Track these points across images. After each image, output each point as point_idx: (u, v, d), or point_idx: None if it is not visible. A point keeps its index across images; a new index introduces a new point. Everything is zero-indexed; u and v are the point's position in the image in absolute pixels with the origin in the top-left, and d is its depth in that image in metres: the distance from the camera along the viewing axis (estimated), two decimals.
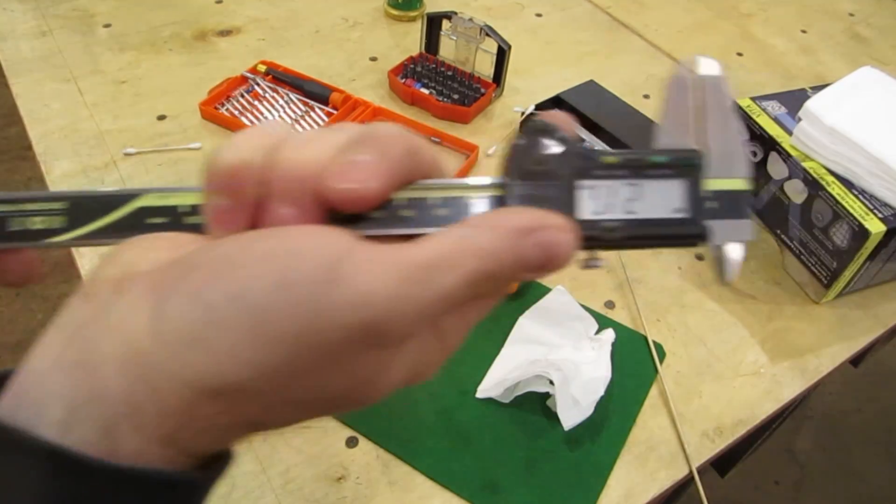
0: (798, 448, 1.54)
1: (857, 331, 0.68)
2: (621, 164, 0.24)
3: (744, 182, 0.24)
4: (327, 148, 0.21)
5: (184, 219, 0.23)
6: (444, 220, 0.23)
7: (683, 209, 0.24)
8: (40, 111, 0.78)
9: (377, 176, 0.21)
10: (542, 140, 0.23)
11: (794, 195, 0.69)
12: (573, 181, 0.23)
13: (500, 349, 0.60)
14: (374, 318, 0.19)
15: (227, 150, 0.21)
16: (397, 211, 0.23)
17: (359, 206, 0.21)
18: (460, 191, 0.23)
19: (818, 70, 1.02)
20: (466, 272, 0.20)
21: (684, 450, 0.57)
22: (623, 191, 0.23)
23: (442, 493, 0.52)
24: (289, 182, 0.21)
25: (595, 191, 0.23)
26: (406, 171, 0.22)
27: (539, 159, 0.23)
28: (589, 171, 0.23)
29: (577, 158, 0.23)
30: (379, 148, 0.21)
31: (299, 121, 0.81)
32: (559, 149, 0.23)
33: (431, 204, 0.23)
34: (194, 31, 0.93)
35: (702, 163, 0.24)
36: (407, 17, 1.00)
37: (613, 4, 1.10)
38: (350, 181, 0.21)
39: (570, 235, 0.22)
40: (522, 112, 0.83)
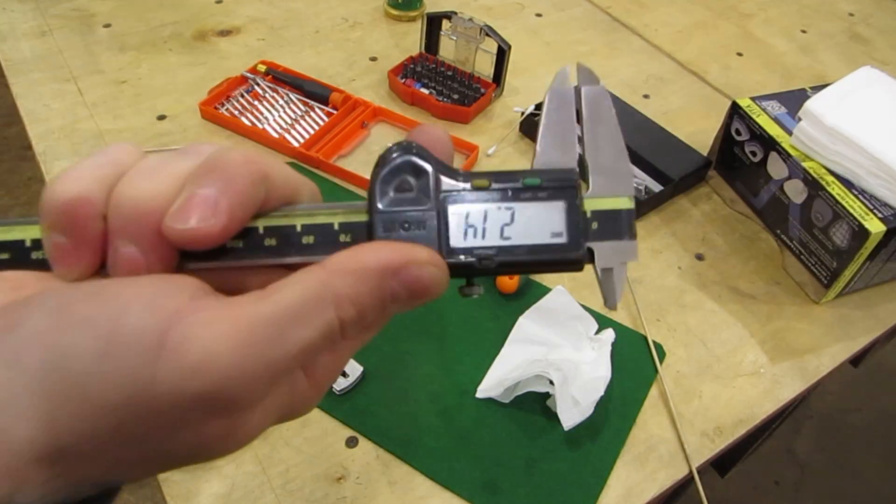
0: (798, 448, 1.54)
1: (857, 331, 0.68)
2: (493, 188, 0.23)
3: (627, 200, 0.24)
4: (169, 180, 0.20)
5: (31, 254, 0.21)
6: (310, 248, 0.22)
7: (561, 233, 0.23)
8: (40, 111, 0.78)
9: (220, 212, 0.19)
10: (410, 162, 0.22)
11: (794, 195, 0.69)
12: (443, 206, 0.22)
13: (500, 349, 0.60)
14: (211, 389, 0.17)
15: (62, 181, 0.20)
16: (258, 240, 0.21)
17: (202, 245, 0.19)
18: (325, 216, 0.22)
19: (818, 70, 1.02)
20: (324, 323, 0.19)
21: (684, 450, 0.57)
22: (496, 215, 0.22)
23: (442, 493, 0.52)
24: (128, 221, 0.20)
25: (466, 217, 0.22)
26: (257, 199, 0.21)
27: (407, 183, 0.22)
28: (460, 195, 0.22)
29: (445, 182, 0.22)
30: (223, 179, 0.20)
31: (299, 121, 0.81)
32: (428, 172, 0.22)
33: (294, 232, 0.22)
34: (194, 31, 0.93)
35: (577, 183, 0.23)
36: (407, 17, 1.00)
37: (613, 4, 1.10)
38: (190, 220, 0.19)
39: (438, 270, 0.21)
40: (522, 112, 0.83)
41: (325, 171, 0.76)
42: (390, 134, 0.82)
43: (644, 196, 0.76)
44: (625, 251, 0.23)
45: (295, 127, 0.80)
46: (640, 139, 0.80)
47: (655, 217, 0.76)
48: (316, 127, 0.80)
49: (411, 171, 0.22)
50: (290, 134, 0.79)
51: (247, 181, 0.20)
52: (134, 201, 0.20)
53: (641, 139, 0.80)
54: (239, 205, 0.20)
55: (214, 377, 0.17)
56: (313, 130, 0.79)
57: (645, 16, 1.09)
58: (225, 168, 0.20)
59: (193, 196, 0.19)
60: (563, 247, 0.23)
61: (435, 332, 0.62)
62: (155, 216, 0.19)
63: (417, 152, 0.22)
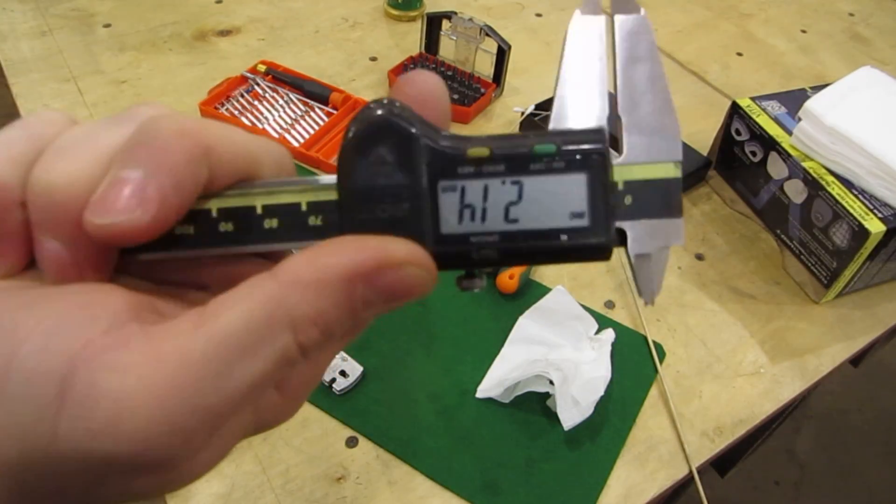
0: (798, 448, 1.54)
1: (857, 331, 0.68)
2: (496, 158, 0.18)
3: (672, 167, 0.19)
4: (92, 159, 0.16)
5: None
6: (274, 234, 0.18)
7: (583, 213, 0.18)
8: (40, 111, 0.78)
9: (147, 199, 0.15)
10: (390, 123, 0.17)
11: (794, 195, 0.69)
12: (433, 183, 0.18)
13: (500, 349, 0.60)
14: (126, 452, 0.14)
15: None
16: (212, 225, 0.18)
17: (129, 241, 0.16)
18: (291, 195, 0.18)
19: (818, 70, 1.02)
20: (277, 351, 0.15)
21: (684, 450, 0.57)
22: (499, 193, 0.18)
23: (442, 493, 0.52)
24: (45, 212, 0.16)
25: (461, 195, 0.18)
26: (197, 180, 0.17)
27: (386, 152, 0.18)
28: (453, 168, 0.18)
29: (433, 151, 0.18)
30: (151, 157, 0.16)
31: (299, 121, 0.81)
32: (412, 138, 0.18)
33: (254, 214, 0.18)
34: (194, 31, 0.93)
35: (606, 148, 0.18)
36: (407, 17, 1.00)
37: None
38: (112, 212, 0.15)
39: (421, 269, 0.17)
40: (522, 112, 0.83)
41: (325, 171, 0.76)
42: None
43: None
44: (667, 232, 0.18)
45: (295, 127, 0.80)
46: None
47: None
48: (316, 127, 0.80)
49: (391, 135, 0.17)
50: (290, 134, 0.79)
51: (181, 157, 0.16)
52: (49, 188, 0.16)
53: None
54: (172, 188, 0.16)
55: (130, 437, 0.14)
56: (313, 130, 0.79)
57: None
58: (153, 143, 0.16)
59: (115, 181, 0.16)
60: (584, 231, 0.18)
61: (435, 332, 0.62)
62: (75, 205, 0.16)
63: (399, 112, 0.18)
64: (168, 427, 0.14)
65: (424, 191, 0.18)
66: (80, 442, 0.14)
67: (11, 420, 0.14)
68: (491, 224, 0.18)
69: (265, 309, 0.15)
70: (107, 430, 0.14)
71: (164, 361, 0.14)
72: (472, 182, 0.18)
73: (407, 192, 0.18)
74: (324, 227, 0.18)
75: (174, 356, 0.14)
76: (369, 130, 0.17)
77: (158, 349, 0.15)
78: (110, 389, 0.14)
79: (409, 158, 0.18)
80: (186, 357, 0.14)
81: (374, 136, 0.17)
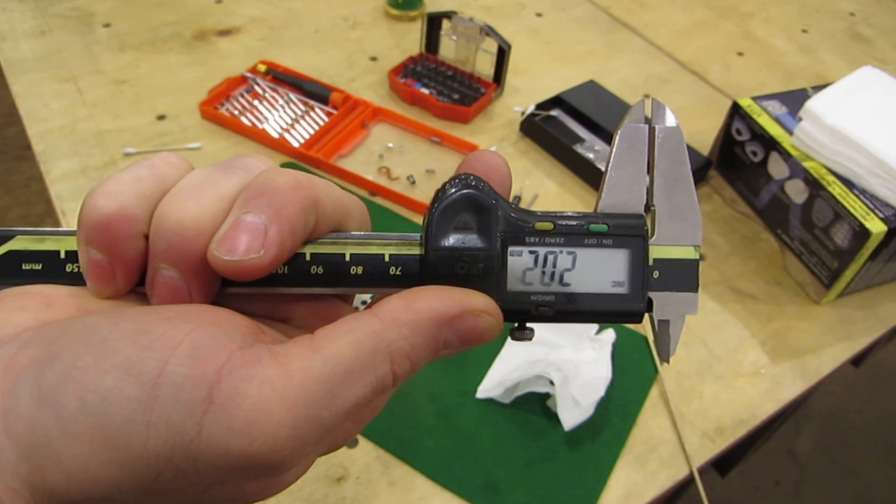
0: (798, 448, 1.54)
1: (858, 331, 0.68)
2: (557, 231, 0.21)
3: (692, 250, 0.22)
4: (215, 201, 0.19)
5: (66, 266, 0.21)
6: (358, 279, 0.21)
7: (623, 283, 0.22)
8: (40, 111, 0.78)
9: (269, 243, 0.18)
10: (470, 197, 0.21)
11: (795, 195, 0.69)
12: (502, 247, 0.21)
13: (500, 349, 0.60)
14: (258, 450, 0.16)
15: (102, 195, 0.19)
16: (305, 268, 0.21)
17: (249, 276, 0.18)
18: (376, 247, 0.21)
19: (819, 70, 1.02)
20: (378, 379, 0.18)
21: (684, 450, 0.56)
22: (557, 260, 0.21)
23: (442, 493, 0.52)
24: (171, 244, 0.19)
25: (524, 259, 0.21)
26: (306, 228, 0.19)
27: (465, 220, 0.21)
28: (520, 236, 0.21)
29: (507, 221, 0.21)
30: (272, 206, 0.18)
31: (299, 120, 0.81)
32: (488, 209, 0.21)
33: (343, 261, 0.21)
34: (194, 30, 0.93)
35: (646, 232, 0.22)
36: (407, 16, 0.99)
37: (613, 4, 1.10)
38: (238, 250, 0.18)
39: (493, 319, 0.20)
40: (522, 112, 0.83)
41: (324, 171, 0.76)
42: (390, 134, 0.82)
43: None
44: (685, 304, 0.22)
45: (295, 127, 0.80)
46: None
47: None
48: (316, 127, 0.80)
49: (470, 207, 0.21)
50: (290, 134, 0.79)
51: (297, 208, 0.19)
52: (178, 224, 0.18)
53: None
54: (289, 234, 0.19)
55: (263, 438, 0.16)
56: (313, 130, 0.79)
57: (645, 15, 1.09)
58: (274, 193, 0.19)
59: (241, 223, 0.18)
60: (623, 298, 0.22)
61: None
62: (199, 241, 0.18)
63: (477, 186, 0.21)
64: (292, 432, 0.17)
65: (497, 253, 0.21)
66: (222, 438, 0.16)
67: (163, 418, 0.16)
68: (548, 286, 0.21)
69: (370, 341, 0.18)
70: (246, 429, 0.16)
71: (291, 377, 0.17)
72: (536, 249, 0.21)
73: (482, 253, 0.21)
74: (403, 277, 0.21)
75: (299, 373, 0.17)
76: (457, 201, 0.21)
77: (286, 366, 0.17)
78: (250, 396, 0.16)
79: (486, 226, 0.21)
80: (308, 375, 0.17)
81: (460, 206, 0.21)
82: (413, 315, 0.19)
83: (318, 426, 0.17)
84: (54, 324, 0.18)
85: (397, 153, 0.79)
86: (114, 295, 0.20)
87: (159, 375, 0.16)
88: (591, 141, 0.82)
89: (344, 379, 0.17)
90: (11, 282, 0.20)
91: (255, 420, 0.16)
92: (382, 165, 0.77)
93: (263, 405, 0.16)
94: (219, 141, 0.77)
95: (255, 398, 0.16)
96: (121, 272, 0.19)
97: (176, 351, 0.17)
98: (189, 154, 0.76)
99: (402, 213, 0.72)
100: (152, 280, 0.19)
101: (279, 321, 0.22)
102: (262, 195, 0.19)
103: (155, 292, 0.19)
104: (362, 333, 0.18)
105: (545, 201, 0.75)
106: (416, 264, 0.21)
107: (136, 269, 0.19)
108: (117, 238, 0.19)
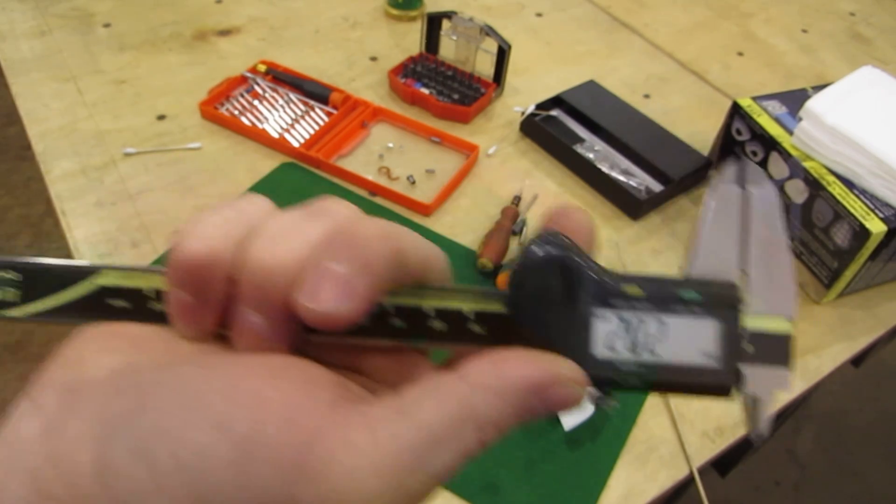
0: (799, 448, 1.54)
1: (858, 331, 0.68)
2: (647, 297, 0.20)
3: (787, 323, 0.21)
4: (302, 247, 0.19)
5: (149, 303, 0.20)
6: (439, 335, 0.20)
7: (714, 355, 0.20)
8: (40, 111, 0.78)
9: (354, 295, 0.18)
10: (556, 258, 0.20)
11: (795, 195, 0.69)
12: (588, 311, 0.20)
13: None
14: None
15: (192, 237, 0.19)
16: (386, 320, 0.20)
17: (332, 327, 0.18)
18: (459, 301, 0.20)
19: (819, 70, 1.02)
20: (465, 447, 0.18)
21: (685, 450, 0.56)
22: (645, 328, 0.20)
23: (442, 493, 0.52)
24: (257, 288, 0.19)
25: (612, 324, 0.20)
26: (392, 279, 0.19)
27: (550, 280, 0.20)
28: (607, 300, 0.20)
29: (593, 284, 0.20)
30: (359, 255, 0.18)
31: (299, 120, 0.81)
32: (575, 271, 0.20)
33: (424, 315, 0.20)
34: (194, 30, 0.93)
35: (741, 302, 0.21)
36: (407, 16, 0.99)
37: (613, 4, 1.10)
38: (323, 300, 0.17)
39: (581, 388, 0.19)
40: (522, 112, 0.83)
41: (324, 171, 0.76)
42: (390, 134, 0.82)
43: (644, 196, 0.75)
44: (776, 379, 0.21)
45: (295, 127, 0.80)
46: (640, 139, 0.80)
47: (656, 217, 0.76)
48: (316, 127, 0.80)
49: (556, 266, 0.20)
50: (290, 134, 0.79)
51: (383, 260, 0.18)
52: (265, 269, 0.18)
53: (641, 139, 0.80)
54: (374, 286, 0.18)
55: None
56: (313, 130, 0.79)
57: (645, 15, 1.09)
58: (360, 243, 0.18)
59: (327, 272, 0.18)
60: (714, 371, 0.20)
61: None
62: (284, 286, 0.18)
63: (564, 245, 0.20)
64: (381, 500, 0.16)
65: (583, 317, 0.20)
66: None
67: (256, 482, 0.16)
68: (635, 353, 0.20)
69: (458, 409, 0.17)
70: (338, 497, 0.16)
71: (382, 445, 0.17)
72: (624, 314, 0.20)
73: (568, 315, 0.20)
74: (485, 335, 0.20)
75: (389, 441, 0.17)
76: (543, 261, 0.20)
77: (376, 432, 0.17)
78: (343, 464, 0.16)
79: (573, 287, 0.20)
80: (398, 444, 0.17)
81: (545, 265, 0.20)
82: (502, 382, 0.18)
83: (406, 495, 0.17)
84: (146, 372, 0.18)
85: (397, 153, 0.79)
86: (199, 337, 0.20)
87: (252, 436, 0.16)
88: (591, 141, 0.82)
89: (432, 447, 0.17)
90: (100, 318, 0.20)
91: (347, 489, 0.16)
92: (382, 165, 0.77)
93: (356, 474, 0.16)
94: (219, 141, 0.77)
95: (347, 466, 0.16)
96: (207, 314, 0.19)
97: (269, 411, 0.17)
98: (189, 154, 0.76)
99: (402, 214, 0.72)
100: (237, 324, 0.19)
101: (357, 372, 0.22)
102: (348, 244, 0.18)
103: (239, 336, 0.19)
104: (451, 399, 0.18)
105: (545, 201, 0.75)
106: (499, 323, 0.20)
107: (221, 312, 0.19)
108: (205, 280, 0.19)
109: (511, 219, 0.71)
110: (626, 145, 0.80)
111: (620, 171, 0.79)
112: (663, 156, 0.78)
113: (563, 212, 0.21)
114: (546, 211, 0.22)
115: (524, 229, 0.71)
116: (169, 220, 0.68)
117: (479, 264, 0.66)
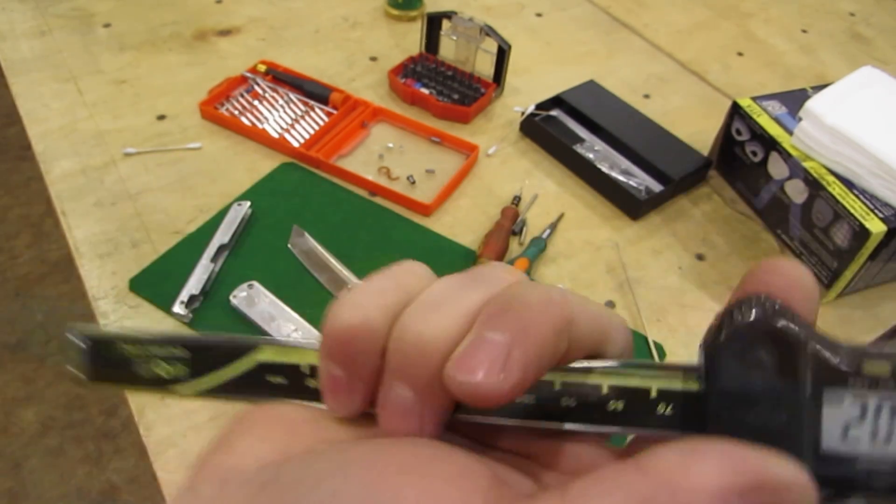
0: None
1: (858, 331, 0.68)
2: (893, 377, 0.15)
3: None
4: (457, 317, 0.17)
5: (305, 381, 0.20)
6: (616, 417, 0.17)
7: None
8: (40, 111, 0.78)
9: (511, 367, 0.16)
10: (772, 329, 0.16)
11: (795, 195, 0.69)
12: (818, 393, 0.16)
13: None
14: None
15: (346, 307, 0.18)
16: (553, 399, 0.18)
17: (485, 403, 0.16)
18: (641, 379, 0.17)
19: (819, 70, 1.02)
20: None
21: None
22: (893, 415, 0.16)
23: None
24: (409, 361, 0.17)
25: (849, 410, 0.16)
26: (557, 352, 0.17)
27: (763, 354, 0.16)
28: (843, 380, 0.16)
29: (820, 359, 0.16)
30: (518, 324, 0.16)
31: (299, 120, 0.81)
32: (796, 344, 0.16)
33: (598, 394, 0.17)
34: (194, 30, 0.93)
35: None
36: (407, 17, 0.99)
37: (613, 4, 1.10)
38: (475, 372, 0.16)
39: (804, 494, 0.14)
40: (522, 112, 0.83)
41: (324, 171, 0.76)
42: (390, 134, 0.82)
43: (644, 196, 0.76)
44: None
45: (295, 127, 0.80)
46: (640, 139, 0.80)
47: (656, 217, 0.76)
48: (316, 127, 0.80)
49: (770, 338, 0.16)
50: (290, 134, 0.79)
51: (547, 329, 0.16)
52: (417, 338, 0.17)
53: (641, 139, 0.80)
54: (535, 357, 0.16)
55: None
56: (313, 130, 0.79)
57: (645, 15, 1.09)
58: (521, 310, 0.16)
59: (481, 341, 0.16)
60: None
61: None
62: (437, 358, 0.17)
63: (780, 313, 0.16)
64: None
65: (807, 401, 0.16)
66: None
67: None
68: (883, 448, 0.16)
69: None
70: None
71: None
72: (864, 397, 0.16)
73: (786, 400, 0.16)
74: (674, 417, 0.17)
75: None
76: (752, 330, 0.16)
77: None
78: None
79: (792, 364, 0.16)
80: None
81: (755, 337, 0.16)
82: (692, 481, 0.14)
83: None
84: (290, 467, 0.17)
85: (397, 153, 0.79)
86: (349, 414, 0.19)
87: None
88: (591, 141, 0.82)
89: None
90: (260, 395, 0.20)
91: None
92: (382, 165, 0.77)
93: None
94: (219, 141, 0.78)
95: None
96: (358, 390, 0.18)
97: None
98: (189, 154, 0.76)
99: (402, 213, 0.72)
100: (384, 399, 0.18)
101: (523, 455, 0.19)
102: (507, 311, 0.17)
103: (385, 412, 0.18)
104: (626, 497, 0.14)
105: (545, 201, 0.75)
106: (692, 404, 0.17)
107: (372, 387, 0.18)
108: (358, 352, 0.18)
109: (511, 219, 0.71)
110: (625, 145, 0.80)
111: (620, 171, 0.79)
112: (663, 156, 0.78)
113: (774, 267, 0.18)
114: (750, 269, 0.18)
115: (524, 229, 0.71)
116: (169, 220, 0.68)
117: (478, 264, 0.66)
